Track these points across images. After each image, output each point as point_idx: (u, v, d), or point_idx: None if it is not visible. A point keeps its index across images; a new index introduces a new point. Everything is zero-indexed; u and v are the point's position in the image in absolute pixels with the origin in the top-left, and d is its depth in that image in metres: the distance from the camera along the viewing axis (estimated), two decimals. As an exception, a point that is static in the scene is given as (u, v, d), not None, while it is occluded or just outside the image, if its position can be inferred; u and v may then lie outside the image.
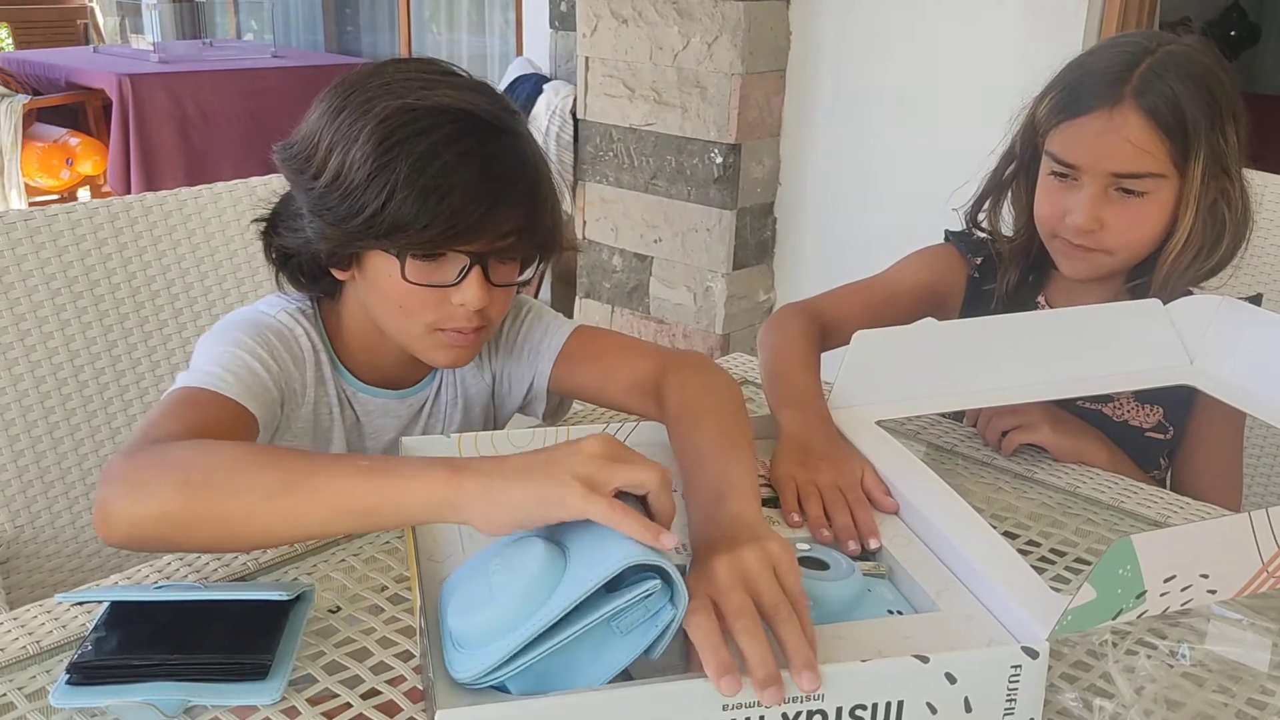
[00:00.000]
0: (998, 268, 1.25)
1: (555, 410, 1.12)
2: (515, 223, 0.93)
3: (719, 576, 0.67)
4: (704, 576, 0.68)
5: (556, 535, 0.68)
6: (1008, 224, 1.25)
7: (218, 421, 0.87)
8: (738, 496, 0.77)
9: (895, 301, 1.27)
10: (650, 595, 0.62)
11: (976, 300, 1.26)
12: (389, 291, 0.95)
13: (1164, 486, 1.19)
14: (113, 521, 0.75)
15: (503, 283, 0.96)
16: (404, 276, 0.92)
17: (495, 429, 1.13)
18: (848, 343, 1.05)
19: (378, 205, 0.89)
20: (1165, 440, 1.21)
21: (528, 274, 1.00)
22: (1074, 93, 1.12)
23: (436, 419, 1.10)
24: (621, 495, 0.68)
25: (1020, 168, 1.21)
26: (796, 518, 0.87)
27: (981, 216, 1.25)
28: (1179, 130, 1.07)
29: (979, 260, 1.26)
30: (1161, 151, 1.07)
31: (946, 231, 1.31)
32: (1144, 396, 1.19)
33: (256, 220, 1.03)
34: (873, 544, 0.83)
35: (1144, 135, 1.07)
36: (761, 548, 0.69)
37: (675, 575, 0.63)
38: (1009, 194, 1.23)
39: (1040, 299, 1.24)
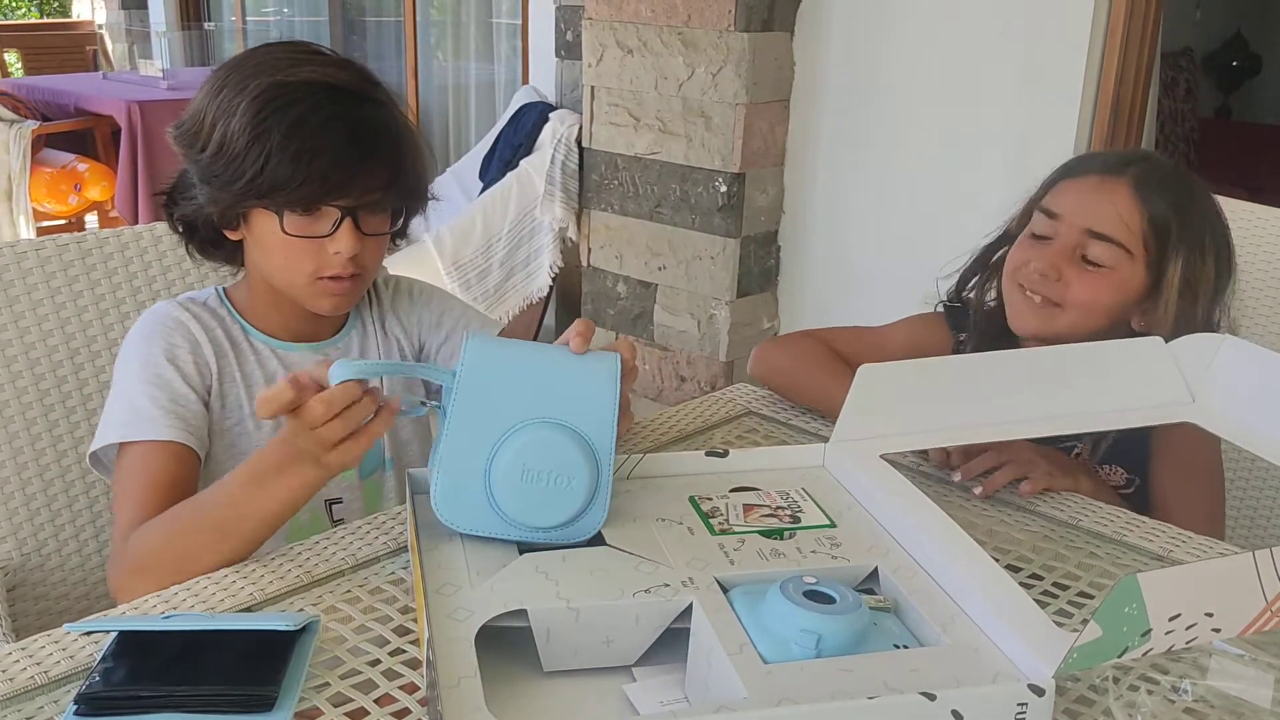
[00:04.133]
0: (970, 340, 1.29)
1: None
2: (381, 179, 1.06)
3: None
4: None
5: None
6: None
7: (156, 468, 1.03)
8: None
9: (886, 356, 1.30)
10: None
11: None
12: (272, 245, 1.07)
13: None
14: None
15: (373, 233, 1.09)
16: (283, 230, 1.05)
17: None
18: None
19: (256, 169, 1.02)
20: (1133, 493, 1.23)
21: (399, 224, 1.14)
22: (1081, 162, 1.22)
23: None
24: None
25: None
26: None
27: (969, 294, 1.31)
28: (1161, 221, 1.14)
29: (961, 336, 1.31)
30: (1137, 228, 1.15)
31: (941, 303, 1.36)
32: (1101, 458, 1.23)
33: (158, 194, 1.15)
34: None
35: (1129, 206, 1.15)
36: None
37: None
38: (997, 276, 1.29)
39: None
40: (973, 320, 1.29)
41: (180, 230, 1.13)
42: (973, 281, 1.30)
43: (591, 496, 0.84)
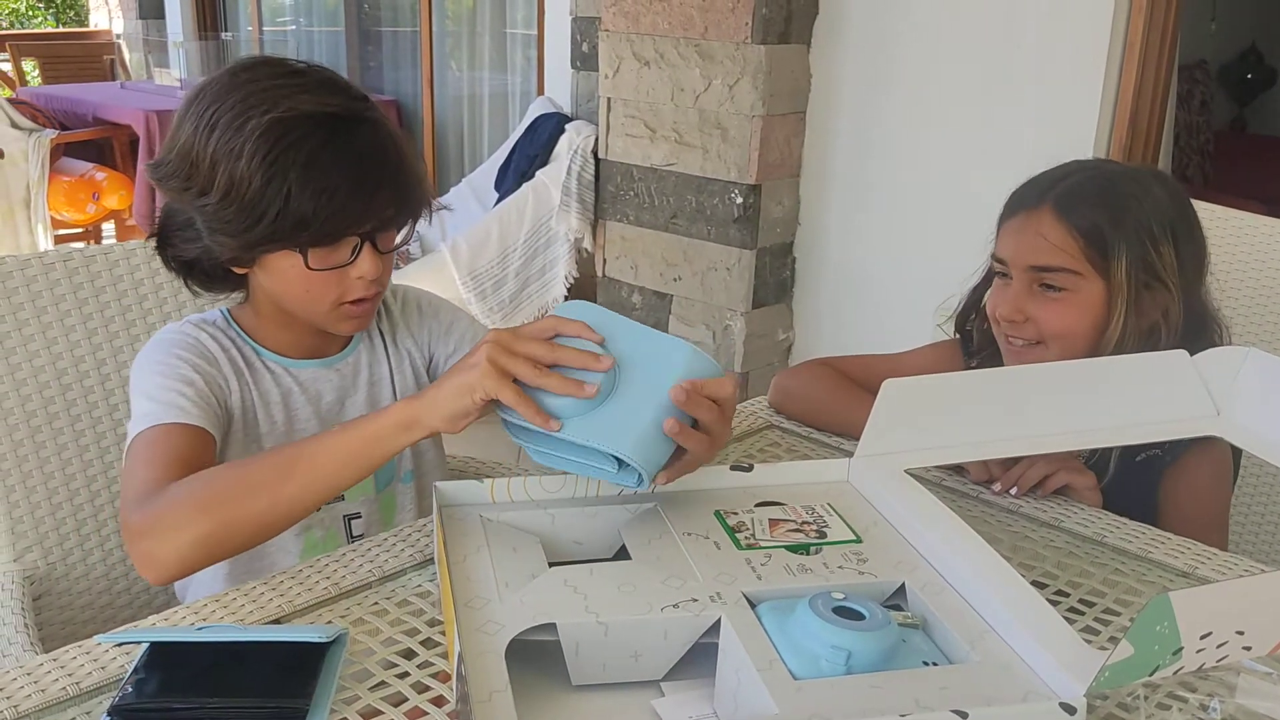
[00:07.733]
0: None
1: None
2: (393, 200, 1.07)
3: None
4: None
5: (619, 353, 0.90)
6: None
7: (182, 444, 1.00)
8: None
9: None
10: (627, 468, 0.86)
11: None
12: (294, 281, 1.06)
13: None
14: (160, 566, 0.91)
15: (389, 249, 1.10)
16: (308, 267, 1.04)
17: None
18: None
19: (276, 210, 1.00)
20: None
21: (405, 233, 1.13)
22: (1011, 201, 1.23)
23: (381, 388, 1.20)
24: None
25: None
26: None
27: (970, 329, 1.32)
28: (1092, 231, 1.15)
29: (973, 363, 1.32)
30: (1075, 249, 1.15)
31: (952, 321, 1.37)
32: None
33: (150, 236, 1.12)
34: None
35: (1057, 232, 1.16)
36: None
37: (644, 473, 0.86)
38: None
39: None
40: (978, 347, 1.31)
41: (175, 268, 1.11)
42: (970, 320, 1.32)
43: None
